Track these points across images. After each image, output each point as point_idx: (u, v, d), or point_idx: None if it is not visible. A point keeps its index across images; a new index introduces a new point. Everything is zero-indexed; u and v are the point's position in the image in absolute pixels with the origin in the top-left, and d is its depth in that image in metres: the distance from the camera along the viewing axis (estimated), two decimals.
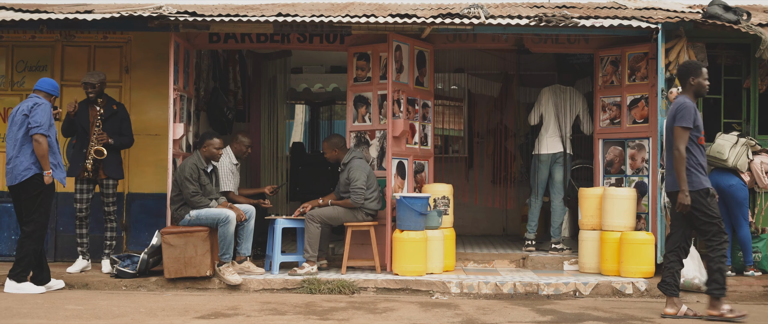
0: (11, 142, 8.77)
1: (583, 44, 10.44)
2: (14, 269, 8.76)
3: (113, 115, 9.81)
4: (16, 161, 8.70)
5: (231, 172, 10.02)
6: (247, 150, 10.16)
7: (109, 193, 9.79)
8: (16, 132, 8.73)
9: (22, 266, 8.74)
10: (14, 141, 8.73)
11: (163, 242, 9.09)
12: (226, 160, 9.98)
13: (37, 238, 8.75)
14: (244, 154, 10.20)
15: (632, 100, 10.06)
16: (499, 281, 9.10)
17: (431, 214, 9.52)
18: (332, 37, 10.38)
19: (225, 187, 9.89)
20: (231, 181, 10.01)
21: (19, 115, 8.72)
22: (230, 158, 10.04)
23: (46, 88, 8.91)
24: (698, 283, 8.99)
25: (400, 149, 9.93)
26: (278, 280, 9.13)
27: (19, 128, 8.71)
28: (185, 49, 10.14)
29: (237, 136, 10.16)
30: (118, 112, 9.87)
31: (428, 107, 10.55)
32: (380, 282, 9.09)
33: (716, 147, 9.51)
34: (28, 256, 8.73)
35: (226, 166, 9.96)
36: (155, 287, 9.20)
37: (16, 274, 8.74)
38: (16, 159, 8.71)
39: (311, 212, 9.50)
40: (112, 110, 9.81)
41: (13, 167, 8.72)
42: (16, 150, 8.71)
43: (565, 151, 10.70)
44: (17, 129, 8.73)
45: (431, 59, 10.54)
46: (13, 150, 8.74)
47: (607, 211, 9.69)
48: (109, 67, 10.63)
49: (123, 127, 9.87)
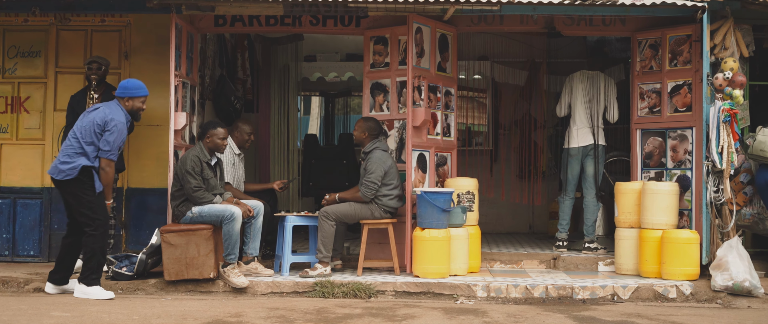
0: (74, 141, 8.07)
1: (619, 26, 9.84)
2: (83, 273, 8.11)
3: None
4: (69, 160, 8.04)
5: (231, 163, 9.49)
6: (249, 138, 9.65)
7: None
8: (84, 135, 8.04)
9: (90, 268, 8.09)
10: (77, 141, 8.06)
11: (163, 241, 8.50)
12: (228, 151, 9.47)
13: (100, 235, 8.09)
14: (247, 143, 9.68)
15: (674, 87, 9.46)
16: (530, 284, 8.48)
17: (455, 211, 8.98)
18: (347, 20, 9.83)
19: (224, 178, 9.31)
20: (231, 173, 9.48)
21: (93, 124, 8.03)
22: (232, 149, 9.52)
23: (126, 92, 8.28)
24: (749, 286, 8.35)
25: (421, 140, 9.36)
26: (288, 282, 8.55)
27: (86, 134, 8.02)
28: (188, 33, 9.56)
29: (237, 123, 9.69)
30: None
31: (451, 95, 9.96)
32: (399, 285, 8.51)
33: (758, 145, 8.82)
34: (96, 255, 8.08)
35: (227, 156, 9.41)
36: (154, 290, 8.57)
37: (85, 278, 8.08)
38: (69, 158, 8.04)
39: (325, 209, 8.95)
40: (110, 96, 9.11)
41: (62, 163, 8.05)
42: (72, 150, 8.05)
43: (596, 142, 10.12)
44: (85, 134, 8.04)
45: (455, 43, 9.95)
46: (69, 149, 8.07)
47: (647, 207, 9.07)
48: (108, 53, 10.00)
49: None
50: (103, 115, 8.02)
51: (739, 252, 8.52)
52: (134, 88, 8.28)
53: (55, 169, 8.06)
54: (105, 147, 7.98)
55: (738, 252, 8.52)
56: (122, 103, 8.21)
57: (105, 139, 7.97)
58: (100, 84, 9.34)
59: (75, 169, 7.97)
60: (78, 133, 8.05)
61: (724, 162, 8.70)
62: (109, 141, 7.97)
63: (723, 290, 8.40)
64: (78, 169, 7.97)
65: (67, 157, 8.01)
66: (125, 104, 8.22)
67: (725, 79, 8.79)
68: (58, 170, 8.03)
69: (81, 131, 8.04)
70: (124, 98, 8.22)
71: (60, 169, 8.01)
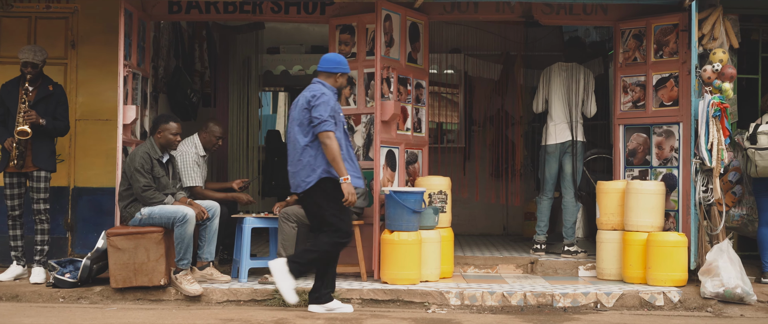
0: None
1: (601, 15, 9.40)
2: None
3: (48, 96, 8.57)
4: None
5: (196, 164, 8.91)
6: (217, 141, 9.08)
7: (40, 188, 8.49)
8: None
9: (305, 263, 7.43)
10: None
11: (109, 245, 7.88)
12: (193, 151, 8.90)
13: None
14: (215, 146, 9.10)
15: (659, 80, 9.01)
16: (507, 291, 7.94)
17: (426, 212, 8.52)
18: (311, 7, 9.32)
19: (190, 181, 8.77)
20: (198, 174, 8.90)
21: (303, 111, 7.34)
22: (197, 149, 8.92)
23: (339, 67, 7.49)
24: (741, 292, 7.85)
25: (390, 136, 8.89)
26: (246, 289, 7.99)
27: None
28: (140, 20, 8.99)
29: (207, 124, 9.09)
30: (55, 93, 8.63)
31: (422, 88, 9.47)
32: (366, 292, 7.99)
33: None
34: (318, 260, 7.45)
35: (191, 156, 8.85)
36: (99, 299, 7.93)
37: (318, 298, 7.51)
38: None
39: (285, 209, 8.36)
40: (46, 90, 8.57)
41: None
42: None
43: (574, 139, 9.68)
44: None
45: (426, 33, 9.46)
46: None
47: (631, 208, 8.61)
48: (53, 42, 9.46)
49: (58, 111, 8.62)
50: (309, 94, 7.28)
51: (730, 256, 8.04)
52: (344, 63, 7.52)
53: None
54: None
55: (729, 256, 8.04)
56: (331, 81, 7.45)
57: (313, 116, 7.19)
58: (37, 78, 8.63)
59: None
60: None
61: (714, 160, 8.27)
62: (320, 113, 7.16)
63: (713, 297, 7.90)
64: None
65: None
66: (336, 81, 7.48)
67: (714, 71, 8.36)
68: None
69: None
70: (337, 74, 7.45)
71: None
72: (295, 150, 7.31)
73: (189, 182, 8.74)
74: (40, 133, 8.40)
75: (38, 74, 8.54)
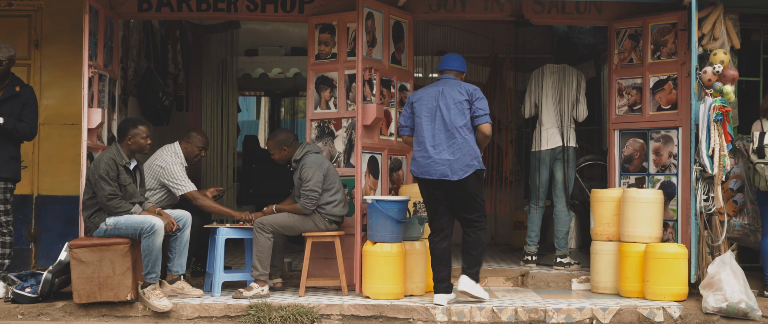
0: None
1: (595, 14, 9.14)
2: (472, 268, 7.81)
3: (14, 97, 8.09)
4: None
5: (184, 169, 8.49)
6: (200, 152, 8.64)
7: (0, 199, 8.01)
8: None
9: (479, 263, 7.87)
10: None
11: (72, 258, 7.48)
12: (177, 160, 8.43)
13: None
14: (197, 158, 8.67)
15: (657, 82, 8.73)
16: (497, 307, 7.56)
17: (411, 222, 8.21)
18: (289, 5, 9.04)
19: (183, 189, 8.33)
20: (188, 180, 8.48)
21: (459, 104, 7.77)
22: (180, 158, 8.48)
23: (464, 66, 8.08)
24: (745, 307, 7.48)
25: (373, 141, 8.60)
26: (219, 305, 7.62)
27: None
28: (107, 18, 8.62)
29: (190, 133, 8.67)
30: (22, 94, 8.15)
31: (407, 90, 9.16)
32: (347, 307, 7.64)
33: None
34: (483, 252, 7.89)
35: (176, 165, 8.38)
36: (61, 315, 7.52)
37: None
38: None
39: (261, 219, 8.04)
40: (13, 91, 8.10)
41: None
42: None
43: (565, 144, 9.40)
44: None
45: (411, 32, 9.18)
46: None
47: (628, 217, 8.28)
48: (16, 41, 9.00)
49: (25, 113, 8.13)
50: (465, 89, 7.75)
51: (733, 269, 7.67)
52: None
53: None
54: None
55: (732, 269, 7.66)
56: (461, 79, 7.94)
57: (477, 107, 7.72)
58: (5, 76, 8.18)
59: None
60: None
61: (716, 167, 7.90)
62: (482, 106, 7.73)
63: (716, 313, 7.52)
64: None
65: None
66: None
67: (715, 73, 8.00)
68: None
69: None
70: (464, 73, 8.05)
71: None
72: (452, 139, 7.61)
73: (182, 190, 8.30)
74: (1, 136, 7.96)
75: (5, 73, 8.10)
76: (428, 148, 7.59)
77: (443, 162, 7.53)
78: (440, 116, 7.61)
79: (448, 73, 7.85)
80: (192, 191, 8.29)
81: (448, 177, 7.51)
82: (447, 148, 7.55)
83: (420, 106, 7.71)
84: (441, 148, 7.56)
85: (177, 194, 8.23)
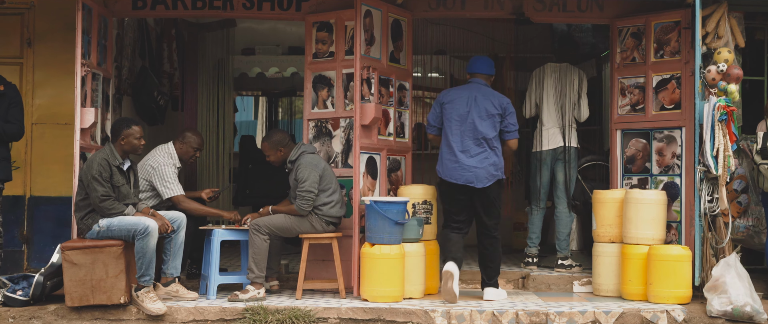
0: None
1: (597, 12, 9.06)
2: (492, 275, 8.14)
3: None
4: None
5: (174, 172, 8.42)
6: (195, 153, 8.58)
7: None
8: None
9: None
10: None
11: (64, 260, 7.39)
12: (170, 161, 8.34)
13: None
14: (192, 158, 8.61)
15: (660, 81, 8.63)
16: (498, 310, 7.46)
17: (410, 224, 8.13)
18: (286, 3, 8.97)
19: (170, 192, 8.23)
20: (178, 183, 8.41)
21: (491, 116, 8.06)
22: (173, 159, 8.38)
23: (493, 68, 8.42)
24: (750, 311, 7.38)
25: (371, 141, 8.52)
26: (214, 308, 7.54)
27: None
28: (101, 16, 8.54)
29: (185, 133, 8.59)
30: (6, 94, 8.08)
31: (406, 90, 9.10)
32: (345, 311, 7.56)
33: None
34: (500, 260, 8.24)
35: (168, 167, 8.30)
36: (53, 319, 7.43)
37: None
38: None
39: (256, 221, 7.96)
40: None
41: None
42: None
43: (566, 144, 9.34)
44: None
45: (410, 30, 9.10)
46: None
47: (631, 219, 8.20)
48: (7, 39, 9.15)
49: (10, 113, 8.06)
50: (498, 102, 8.05)
51: (738, 271, 7.58)
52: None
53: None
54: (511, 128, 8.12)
55: (737, 271, 7.57)
56: (489, 82, 8.30)
57: (509, 122, 8.10)
58: None
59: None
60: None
61: (720, 167, 7.79)
62: (513, 122, 8.12)
63: (721, 316, 7.41)
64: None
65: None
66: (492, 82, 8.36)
67: (719, 72, 7.90)
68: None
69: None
70: (493, 76, 8.39)
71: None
72: (480, 147, 7.93)
73: (169, 193, 8.23)
74: None
75: None
76: (457, 153, 7.89)
77: (470, 169, 7.86)
78: (472, 123, 7.91)
79: (478, 77, 8.17)
80: (178, 195, 8.21)
81: (472, 184, 7.83)
82: (475, 155, 7.88)
83: (451, 109, 7.98)
84: (469, 155, 7.88)
85: (164, 196, 8.15)
